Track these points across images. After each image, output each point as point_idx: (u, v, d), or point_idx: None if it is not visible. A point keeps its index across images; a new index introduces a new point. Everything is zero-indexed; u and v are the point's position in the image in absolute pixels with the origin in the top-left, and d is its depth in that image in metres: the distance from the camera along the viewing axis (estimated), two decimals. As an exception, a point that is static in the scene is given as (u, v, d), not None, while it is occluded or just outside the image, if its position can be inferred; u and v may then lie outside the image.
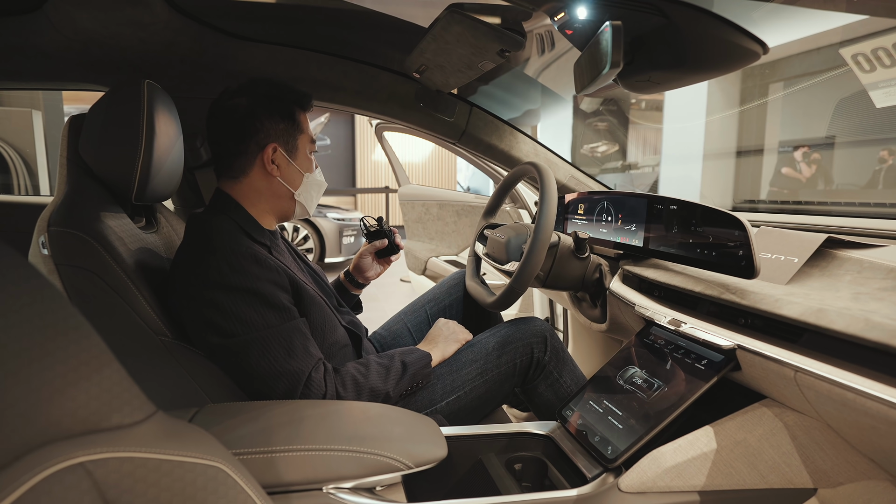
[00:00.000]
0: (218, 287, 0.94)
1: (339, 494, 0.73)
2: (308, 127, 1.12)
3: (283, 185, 1.09)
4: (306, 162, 1.11)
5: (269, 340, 0.94)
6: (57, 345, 0.41)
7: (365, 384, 1.02)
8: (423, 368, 1.12)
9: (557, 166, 1.63)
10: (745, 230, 0.89)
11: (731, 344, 0.84)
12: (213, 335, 0.94)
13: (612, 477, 0.87)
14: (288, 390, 0.95)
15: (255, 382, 0.95)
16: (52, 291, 0.43)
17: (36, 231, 0.92)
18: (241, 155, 1.06)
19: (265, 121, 1.05)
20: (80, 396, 0.41)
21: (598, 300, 1.36)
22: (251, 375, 0.95)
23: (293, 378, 0.95)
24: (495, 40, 1.02)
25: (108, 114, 0.98)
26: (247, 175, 1.07)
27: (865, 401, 0.63)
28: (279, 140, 1.07)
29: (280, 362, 0.94)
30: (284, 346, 0.95)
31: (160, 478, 0.43)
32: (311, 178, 1.12)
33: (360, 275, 1.42)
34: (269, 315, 0.96)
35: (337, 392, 0.99)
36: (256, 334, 0.94)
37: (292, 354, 0.95)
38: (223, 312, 0.93)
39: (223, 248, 0.96)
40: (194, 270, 0.95)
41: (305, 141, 1.11)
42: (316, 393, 0.96)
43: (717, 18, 0.91)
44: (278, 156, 1.07)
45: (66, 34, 1.13)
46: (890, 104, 4.12)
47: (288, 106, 1.07)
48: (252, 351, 0.93)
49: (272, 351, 0.94)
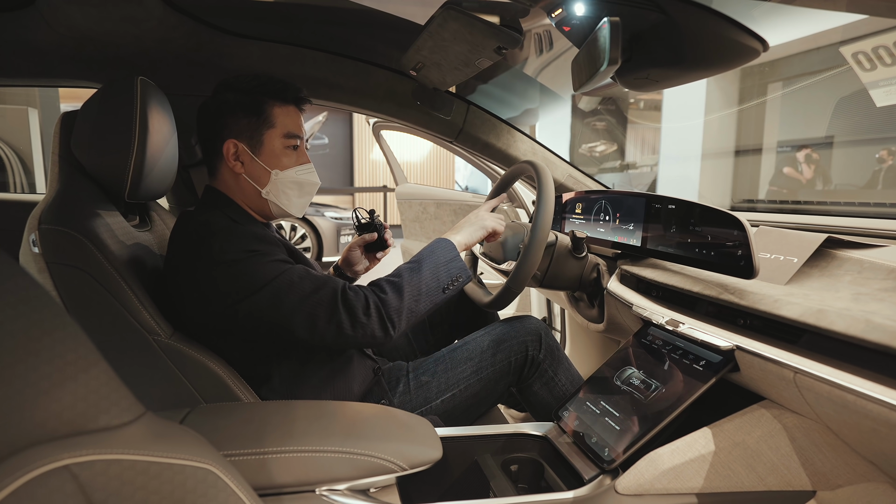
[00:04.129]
0: (223, 263, 0.93)
1: (332, 496, 0.72)
2: (284, 121, 1.06)
3: (249, 182, 1.06)
4: (274, 158, 1.05)
5: (292, 276, 0.94)
6: (42, 345, 0.40)
7: (401, 283, 0.99)
8: (451, 257, 1.05)
9: (555, 165, 1.63)
10: (743, 230, 0.88)
11: (730, 345, 0.83)
12: (236, 303, 0.92)
13: (608, 479, 0.86)
14: (329, 306, 0.93)
15: (296, 317, 0.92)
16: (37, 290, 0.42)
17: (27, 229, 0.91)
18: (210, 152, 1.06)
19: (227, 117, 1.03)
20: (66, 397, 0.40)
21: (595, 300, 1.36)
22: (291, 312, 0.92)
23: (330, 292, 0.94)
24: (492, 37, 1.01)
25: (100, 111, 0.97)
26: (220, 172, 1.07)
27: (866, 403, 0.63)
28: (241, 136, 1.03)
29: (311, 287, 0.94)
30: (308, 277, 0.95)
31: (148, 480, 0.42)
32: (281, 175, 1.06)
33: (349, 268, 1.40)
34: (280, 265, 0.95)
35: (377, 296, 0.96)
36: (279, 277, 0.93)
37: (317, 280, 0.95)
38: (238, 278, 0.92)
39: (220, 231, 0.95)
40: (196, 259, 0.94)
41: (275, 136, 1.05)
42: (358, 300, 0.94)
43: (715, 14, 0.90)
44: (241, 152, 1.04)
45: (60, 30, 1.12)
46: (890, 103, 4.12)
47: (254, 100, 1.03)
48: (281, 290, 0.92)
49: (298, 284, 0.93)
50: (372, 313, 0.95)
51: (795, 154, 5.31)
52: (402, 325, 0.97)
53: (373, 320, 0.95)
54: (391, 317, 0.96)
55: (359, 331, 0.94)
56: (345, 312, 0.94)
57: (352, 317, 0.94)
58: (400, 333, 0.98)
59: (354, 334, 0.94)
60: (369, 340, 0.96)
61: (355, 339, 0.95)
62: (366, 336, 0.95)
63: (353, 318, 0.94)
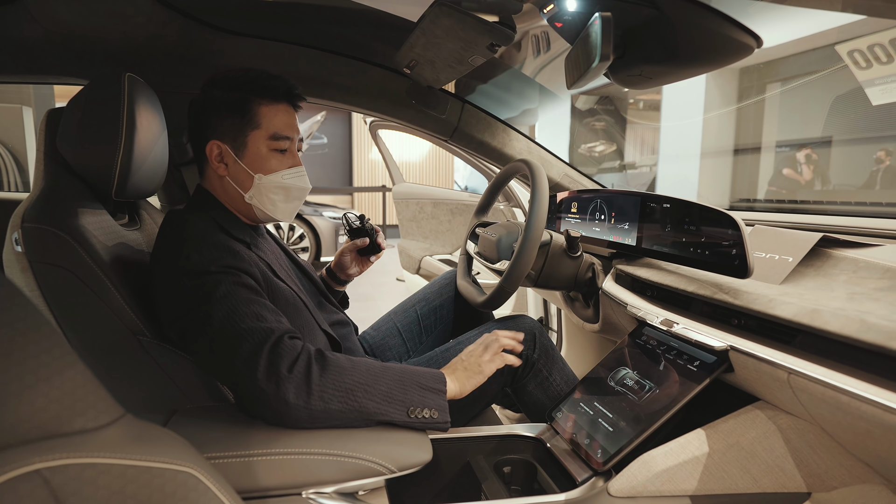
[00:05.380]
0: (186, 273, 0.87)
1: (318, 499, 0.71)
2: (272, 121, 0.99)
3: (232, 185, 1.01)
4: (258, 161, 0.99)
5: (237, 305, 0.83)
6: (14, 345, 0.39)
7: (354, 366, 0.84)
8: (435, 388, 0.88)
9: (551, 164, 1.62)
10: (738, 229, 0.87)
11: (724, 345, 0.82)
12: (182, 318, 0.86)
13: (601, 481, 0.85)
14: (255, 346, 0.79)
15: (216, 349, 0.81)
16: (10, 289, 0.41)
17: (10, 227, 0.89)
18: (197, 152, 1.03)
19: (212, 116, 0.99)
20: (39, 400, 0.39)
21: (590, 300, 1.35)
22: (211, 342, 0.81)
23: (264, 332, 0.80)
24: (484, 34, 1.00)
25: (86, 108, 0.96)
26: (206, 173, 1.04)
27: (860, 404, 0.62)
28: (225, 136, 0.99)
29: (247, 322, 0.82)
30: (253, 312, 0.83)
31: (125, 485, 0.41)
32: (264, 180, 1.00)
33: (341, 272, 1.39)
34: (238, 290, 0.86)
35: (309, 366, 0.80)
36: (225, 301, 0.83)
37: (261, 319, 0.83)
38: (191, 293, 0.85)
39: (192, 238, 0.91)
40: (167, 263, 0.91)
41: (260, 137, 0.99)
42: (285, 358, 0.79)
43: (709, 10, 0.89)
44: (225, 153, 0.99)
45: (46, 26, 1.11)
46: (886, 101, 4.12)
47: (240, 98, 0.98)
48: (215, 316, 0.82)
49: (238, 315, 0.82)
50: (296, 371, 0.79)
51: (795, 154, 5.32)
52: (328, 404, 0.79)
53: (292, 379, 0.78)
54: (320, 386, 0.79)
55: (271, 385, 0.77)
56: (267, 357, 0.79)
57: (271, 365, 0.78)
58: (319, 415, 0.79)
59: (266, 388, 0.77)
60: (277, 402, 0.77)
61: (263, 393, 0.77)
62: (277, 397, 0.77)
63: (271, 368, 0.78)
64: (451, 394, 0.91)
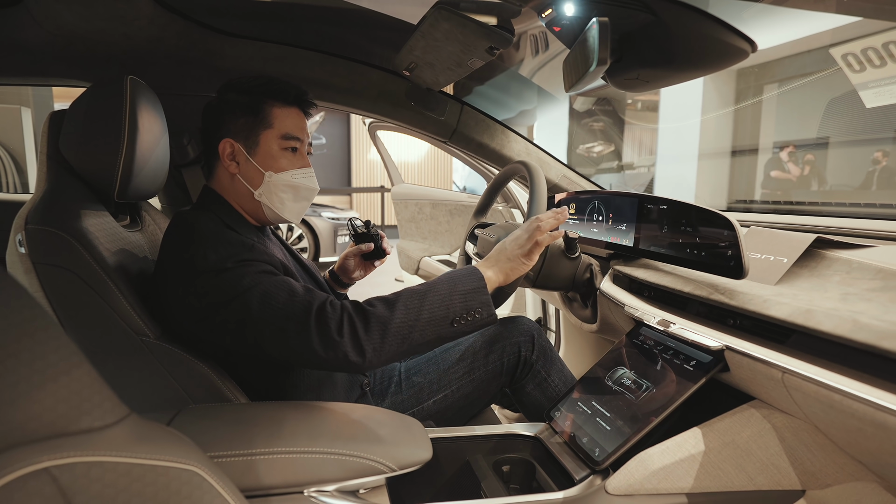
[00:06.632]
0: (205, 272, 0.89)
1: (320, 498, 0.72)
2: (284, 122, 1.03)
3: (243, 183, 1.03)
4: (269, 159, 1.02)
5: (268, 288, 0.87)
6: (22, 346, 0.40)
7: (394, 305, 0.87)
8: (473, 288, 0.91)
9: (549, 165, 1.63)
10: (734, 230, 0.88)
11: (720, 345, 0.83)
12: (212, 316, 0.88)
13: (599, 479, 0.86)
14: (301, 319, 0.84)
15: (265, 331, 0.85)
16: (17, 290, 0.41)
17: (13, 229, 0.90)
18: (208, 152, 1.05)
19: (226, 115, 1.02)
20: (47, 399, 0.40)
21: (588, 300, 1.36)
22: (260, 326, 0.85)
23: (304, 304, 0.85)
24: (484, 37, 1.01)
25: (89, 110, 0.97)
26: (216, 172, 1.05)
27: (852, 403, 0.63)
28: (238, 135, 1.01)
29: (286, 298, 0.86)
30: (285, 290, 0.87)
31: (130, 483, 0.42)
32: (275, 177, 1.03)
33: (344, 275, 1.40)
34: (259, 276, 0.89)
35: (360, 315, 0.86)
36: (255, 290, 0.86)
37: (295, 294, 0.87)
38: (216, 291, 0.88)
39: (206, 237, 0.92)
40: (180, 266, 0.92)
41: (272, 137, 1.02)
42: (331, 323, 0.84)
43: (704, 15, 0.90)
44: (237, 152, 1.02)
45: (48, 29, 1.11)
46: (879, 104, 4.15)
47: (254, 99, 1.01)
48: (252, 304, 0.85)
49: (273, 296, 0.86)
50: (345, 333, 0.84)
51: (779, 154, 5.35)
52: (383, 353, 0.86)
53: (345, 342, 0.84)
54: (370, 341, 0.85)
55: (330, 351, 0.84)
56: (316, 328, 0.84)
57: (323, 334, 0.84)
58: (382, 362, 0.87)
59: (326, 355, 0.84)
60: (342, 364, 0.85)
61: (326, 360, 0.85)
62: (337, 358, 0.84)
63: (324, 336, 0.84)
64: (495, 283, 0.96)
